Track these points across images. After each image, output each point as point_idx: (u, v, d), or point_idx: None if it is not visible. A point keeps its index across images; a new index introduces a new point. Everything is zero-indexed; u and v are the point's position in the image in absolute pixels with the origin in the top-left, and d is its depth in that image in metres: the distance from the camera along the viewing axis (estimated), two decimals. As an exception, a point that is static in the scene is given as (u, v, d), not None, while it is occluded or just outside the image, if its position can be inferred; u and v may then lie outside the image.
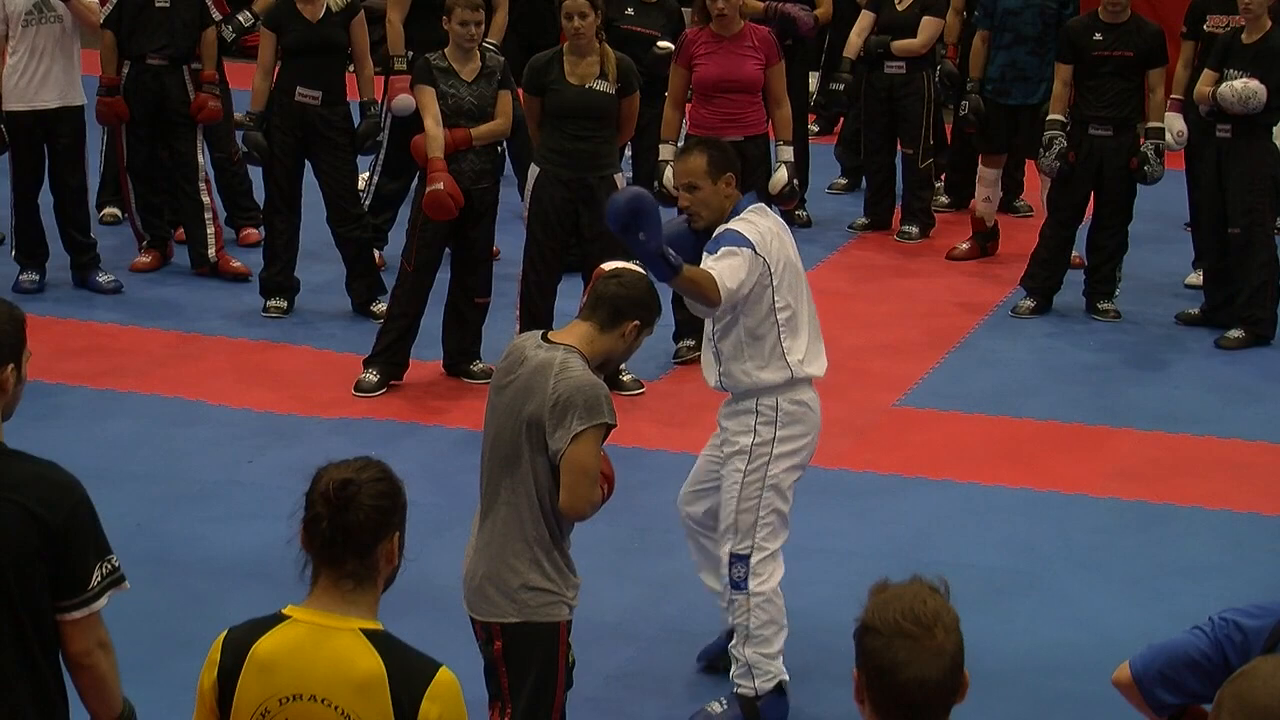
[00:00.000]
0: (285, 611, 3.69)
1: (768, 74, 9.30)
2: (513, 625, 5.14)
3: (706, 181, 6.15)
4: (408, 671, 3.61)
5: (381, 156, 10.58)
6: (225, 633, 3.73)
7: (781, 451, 6.14)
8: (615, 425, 5.11)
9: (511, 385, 5.13)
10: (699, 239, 6.15)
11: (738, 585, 6.16)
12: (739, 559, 6.15)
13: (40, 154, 10.18)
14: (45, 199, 10.34)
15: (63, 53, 10.06)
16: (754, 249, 6.01)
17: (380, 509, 3.65)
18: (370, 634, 3.63)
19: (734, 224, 6.09)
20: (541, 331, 5.29)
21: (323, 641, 3.63)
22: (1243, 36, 9.96)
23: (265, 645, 3.65)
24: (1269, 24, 9.91)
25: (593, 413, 5.02)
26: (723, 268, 5.95)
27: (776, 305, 6.09)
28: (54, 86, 10.05)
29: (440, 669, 3.63)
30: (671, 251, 5.79)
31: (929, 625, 3.11)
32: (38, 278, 10.30)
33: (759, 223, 6.12)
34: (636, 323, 5.25)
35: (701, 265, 5.98)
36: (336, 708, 3.59)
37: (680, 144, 9.61)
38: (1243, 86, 9.75)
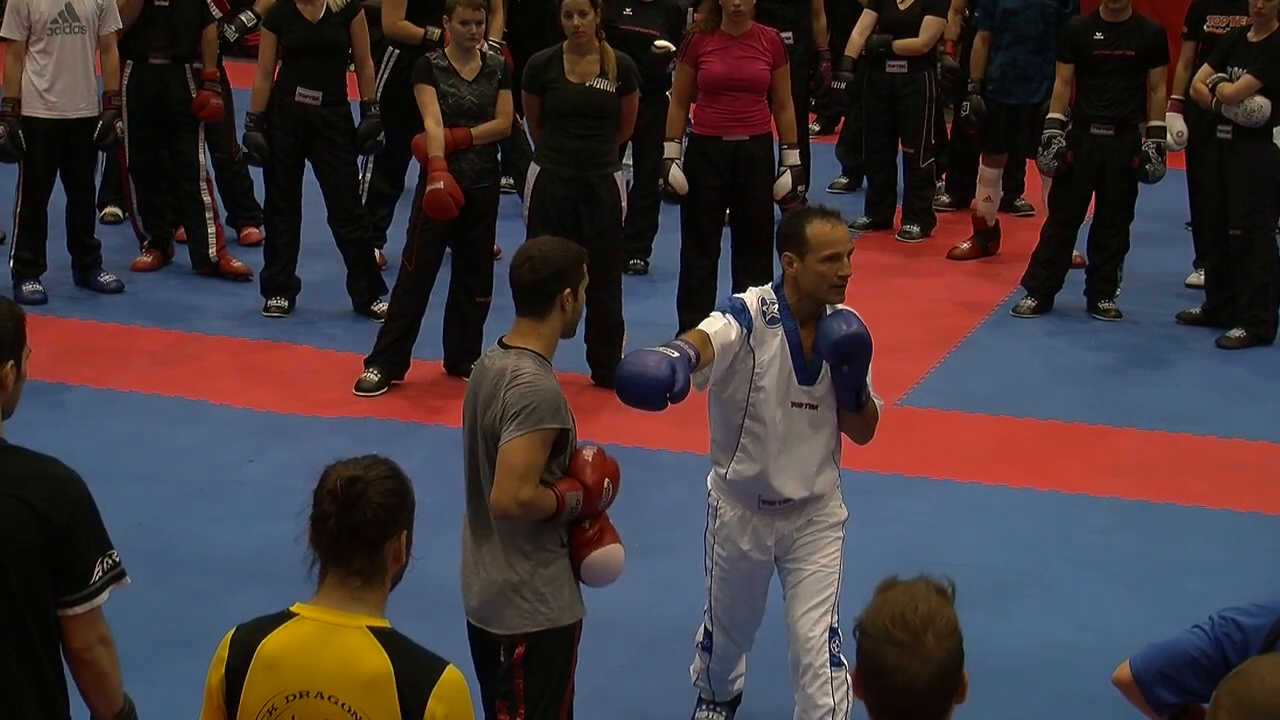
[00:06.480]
0: (293, 609, 3.70)
1: (773, 75, 9.30)
2: (535, 633, 5.10)
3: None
4: (415, 670, 3.61)
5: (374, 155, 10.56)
6: (233, 630, 3.74)
7: None
8: (567, 427, 5.02)
9: (478, 403, 5.08)
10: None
11: (838, 662, 5.80)
12: (835, 633, 5.82)
13: (56, 162, 10.09)
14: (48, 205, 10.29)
15: (85, 61, 10.01)
16: None
17: (388, 507, 3.65)
18: (378, 632, 3.64)
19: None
20: (500, 338, 5.19)
21: (330, 639, 3.63)
22: (1249, 35, 9.97)
23: (273, 642, 3.66)
24: (1276, 24, 9.92)
25: (530, 418, 4.94)
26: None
27: None
28: (79, 96, 9.99)
29: (447, 667, 3.64)
30: (869, 389, 5.66)
31: (918, 632, 3.09)
32: (41, 288, 10.21)
33: None
34: (568, 290, 5.09)
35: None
36: (343, 705, 3.59)
37: (685, 143, 9.61)
38: (1249, 104, 9.78)
